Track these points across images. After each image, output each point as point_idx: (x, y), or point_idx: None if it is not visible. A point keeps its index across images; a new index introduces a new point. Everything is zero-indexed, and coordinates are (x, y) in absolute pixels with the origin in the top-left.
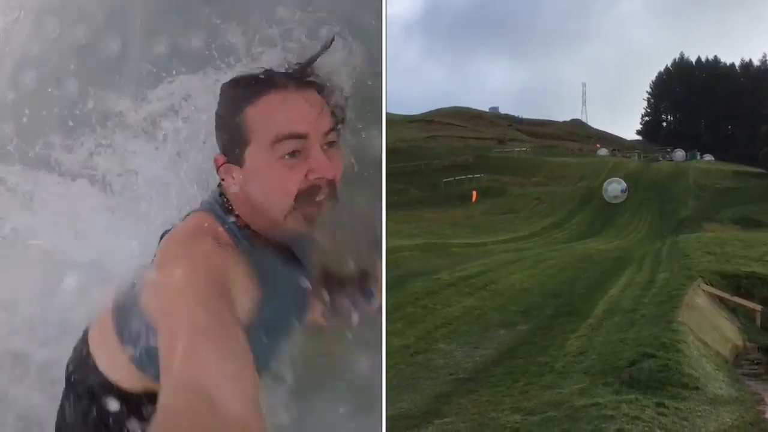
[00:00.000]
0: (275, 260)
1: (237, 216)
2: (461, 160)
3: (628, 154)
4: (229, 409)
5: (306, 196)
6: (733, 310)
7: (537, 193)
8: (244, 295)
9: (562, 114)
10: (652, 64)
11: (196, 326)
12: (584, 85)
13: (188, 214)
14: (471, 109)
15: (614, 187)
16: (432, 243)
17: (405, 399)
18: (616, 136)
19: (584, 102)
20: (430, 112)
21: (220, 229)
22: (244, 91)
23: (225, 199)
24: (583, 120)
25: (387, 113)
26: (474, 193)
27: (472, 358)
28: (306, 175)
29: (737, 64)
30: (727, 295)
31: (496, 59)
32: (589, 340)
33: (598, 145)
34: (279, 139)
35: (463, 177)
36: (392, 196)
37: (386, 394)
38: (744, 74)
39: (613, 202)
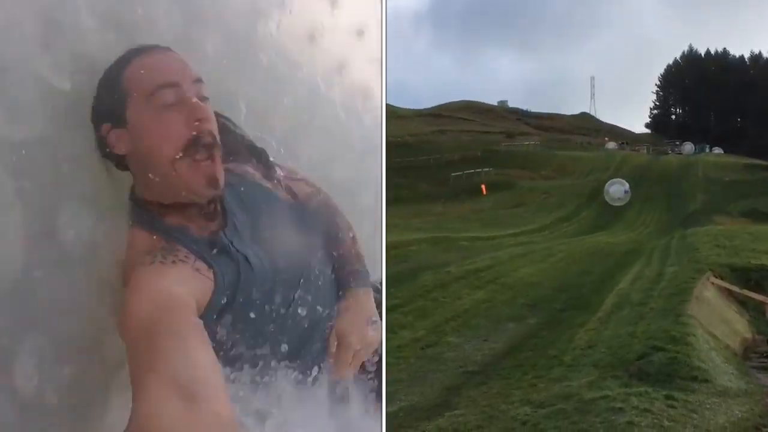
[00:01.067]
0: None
1: (157, 210)
2: (470, 154)
3: (636, 148)
4: (208, 407)
5: (195, 145)
6: (743, 303)
7: (546, 186)
8: (200, 289)
9: (570, 107)
10: (662, 56)
11: (161, 336)
12: (593, 78)
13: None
14: (480, 102)
15: (617, 189)
16: (441, 237)
17: (415, 391)
18: (624, 130)
19: (593, 95)
20: (439, 106)
21: (154, 238)
22: (120, 58)
23: (141, 205)
24: (592, 113)
25: (397, 107)
26: (483, 186)
27: (482, 351)
28: (188, 121)
29: (747, 56)
30: (736, 288)
31: (505, 51)
32: (598, 334)
33: (606, 139)
34: (155, 89)
35: (472, 171)
36: (401, 190)
37: (397, 386)
38: (754, 66)
39: (616, 204)
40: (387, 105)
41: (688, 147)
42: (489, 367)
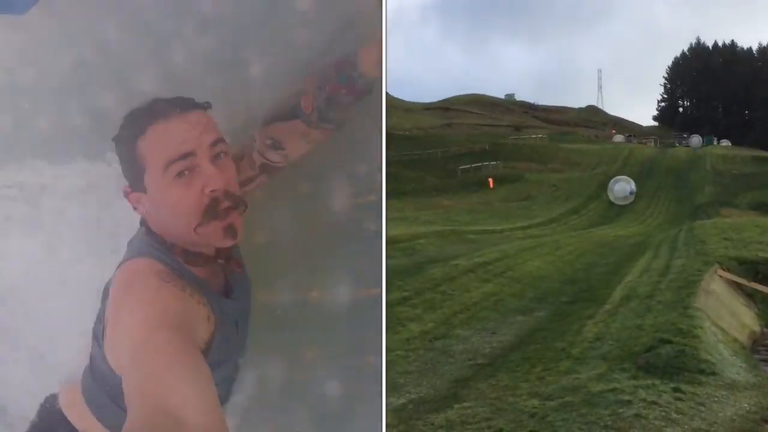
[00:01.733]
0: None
1: (171, 244)
2: (478, 147)
3: (644, 140)
4: (196, 423)
5: (211, 209)
6: (751, 295)
7: (553, 179)
8: (200, 319)
9: (578, 100)
10: (670, 48)
11: (157, 354)
12: (600, 71)
13: (121, 263)
14: (487, 96)
15: (622, 187)
16: (449, 230)
17: (424, 383)
18: (632, 122)
19: (600, 88)
20: (447, 99)
21: (160, 266)
22: (134, 124)
23: (152, 235)
24: (599, 106)
25: (404, 101)
26: (490, 179)
27: (490, 343)
28: (203, 190)
29: (755, 48)
30: (744, 281)
31: (513, 40)
32: (606, 326)
33: (614, 132)
34: (168, 163)
35: (480, 164)
36: (409, 184)
37: (406, 378)
38: (762, 58)
39: (620, 203)
40: (395, 99)
41: (696, 139)
42: (497, 359)
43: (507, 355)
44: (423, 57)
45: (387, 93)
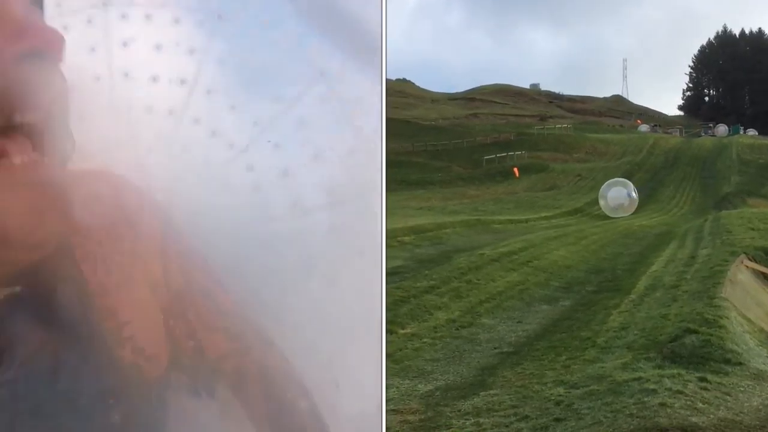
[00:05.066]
0: None
1: None
2: (503, 137)
3: (669, 130)
4: None
5: None
6: None
7: (578, 169)
8: None
9: (602, 89)
10: (696, 36)
11: None
12: (625, 60)
13: None
14: (512, 86)
15: (617, 193)
16: (475, 219)
17: (451, 371)
18: (657, 112)
19: (625, 77)
20: (472, 89)
21: None
22: None
23: None
24: (624, 96)
25: (430, 91)
26: (515, 169)
27: (516, 332)
28: None
29: None
30: None
31: (538, 27)
32: (631, 316)
33: (639, 121)
34: None
35: (505, 154)
36: (436, 174)
37: (433, 366)
38: None
39: (617, 214)
40: (422, 89)
41: (722, 129)
42: (523, 348)
43: (532, 344)
44: (449, 45)
45: (413, 84)
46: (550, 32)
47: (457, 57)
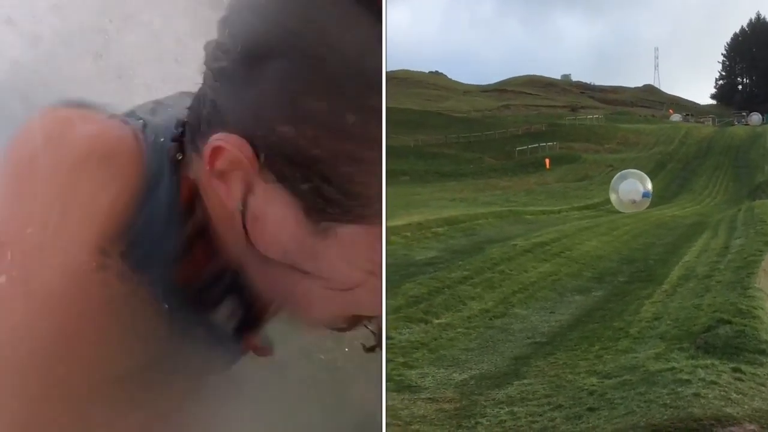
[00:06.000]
0: None
1: None
2: (534, 128)
3: (701, 119)
4: None
5: None
6: None
7: (610, 159)
8: None
9: (634, 79)
10: (728, 24)
11: None
12: (657, 49)
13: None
14: (543, 77)
15: (629, 187)
16: (507, 210)
17: (485, 360)
18: (689, 101)
19: (657, 67)
20: (504, 81)
21: None
22: None
23: None
24: (656, 85)
25: (462, 83)
26: (547, 160)
27: (549, 322)
28: None
29: None
30: None
31: (571, 14)
32: (663, 306)
33: (671, 111)
34: None
35: (537, 145)
36: (468, 165)
37: (468, 355)
38: None
39: (628, 210)
40: (453, 81)
41: (756, 117)
42: (556, 338)
43: (565, 334)
44: (482, 35)
45: (446, 76)
46: (582, 20)
47: (488, 48)
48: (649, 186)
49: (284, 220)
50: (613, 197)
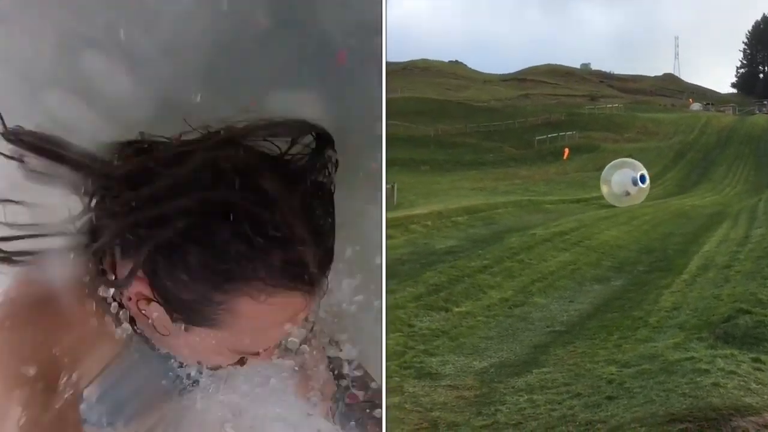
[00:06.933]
0: None
1: None
2: (554, 117)
3: (722, 108)
4: None
5: None
6: None
7: (630, 149)
8: None
9: (654, 68)
10: (750, 12)
11: None
12: (677, 38)
13: None
14: (563, 66)
15: (623, 178)
16: (527, 199)
17: (505, 348)
18: (709, 90)
19: (677, 55)
20: (523, 70)
21: None
22: None
23: None
24: (676, 74)
25: (482, 72)
26: (566, 149)
27: (568, 311)
28: None
29: None
30: None
31: (591, 1)
32: (683, 296)
33: (691, 100)
34: None
35: (556, 134)
36: (488, 154)
37: (488, 343)
38: None
39: (622, 203)
40: (473, 71)
41: None
42: (575, 327)
43: (584, 323)
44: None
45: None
46: (603, 8)
47: (508, 37)
48: (644, 171)
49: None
50: (604, 189)
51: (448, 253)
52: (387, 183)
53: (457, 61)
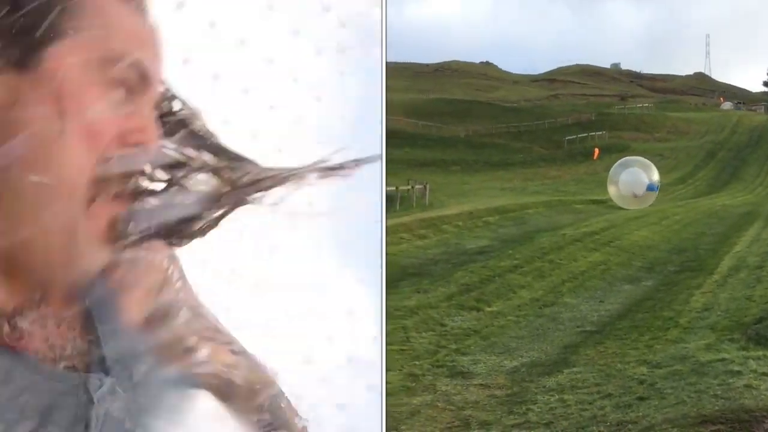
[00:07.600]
0: None
1: None
2: (584, 117)
3: (753, 107)
4: None
5: None
6: None
7: (660, 148)
8: None
9: (684, 67)
10: None
11: None
12: (708, 36)
13: None
14: (593, 66)
15: (633, 178)
16: (557, 200)
17: (536, 348)
18: (741, 89)
19: (708, 54)
20: (553, 70)
21: None
22: None
23: None
24: (707, 73)
25: (512, 73)
26: (596, 150)
27: (598, 311)
28: None
29: None
30: None
31: (620, 0)
32: (714, 297)
33: (722, 99)
34: None
35: (586, 134)
36: (517, 155)
37: (518, 343)
38: None
39: (631, 206)
40: (503, 72)
41: None
42: (605, 327)
43: (615, 323)
44: (531, 24)
45: (496, 66)
46: (632, 7)
47: (538, 37)
48: (656, 177)
49: None
50: (611, 190)
51: (479, 252)
52: (419, 183)
53: (487, 62)
